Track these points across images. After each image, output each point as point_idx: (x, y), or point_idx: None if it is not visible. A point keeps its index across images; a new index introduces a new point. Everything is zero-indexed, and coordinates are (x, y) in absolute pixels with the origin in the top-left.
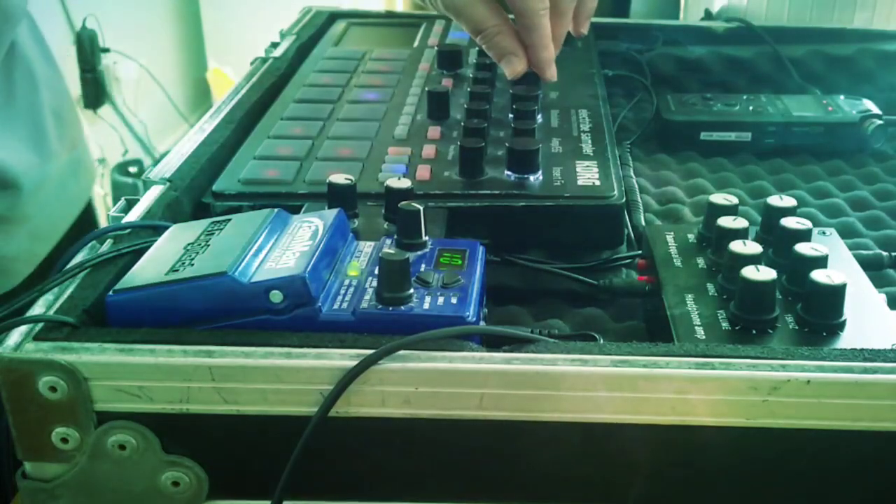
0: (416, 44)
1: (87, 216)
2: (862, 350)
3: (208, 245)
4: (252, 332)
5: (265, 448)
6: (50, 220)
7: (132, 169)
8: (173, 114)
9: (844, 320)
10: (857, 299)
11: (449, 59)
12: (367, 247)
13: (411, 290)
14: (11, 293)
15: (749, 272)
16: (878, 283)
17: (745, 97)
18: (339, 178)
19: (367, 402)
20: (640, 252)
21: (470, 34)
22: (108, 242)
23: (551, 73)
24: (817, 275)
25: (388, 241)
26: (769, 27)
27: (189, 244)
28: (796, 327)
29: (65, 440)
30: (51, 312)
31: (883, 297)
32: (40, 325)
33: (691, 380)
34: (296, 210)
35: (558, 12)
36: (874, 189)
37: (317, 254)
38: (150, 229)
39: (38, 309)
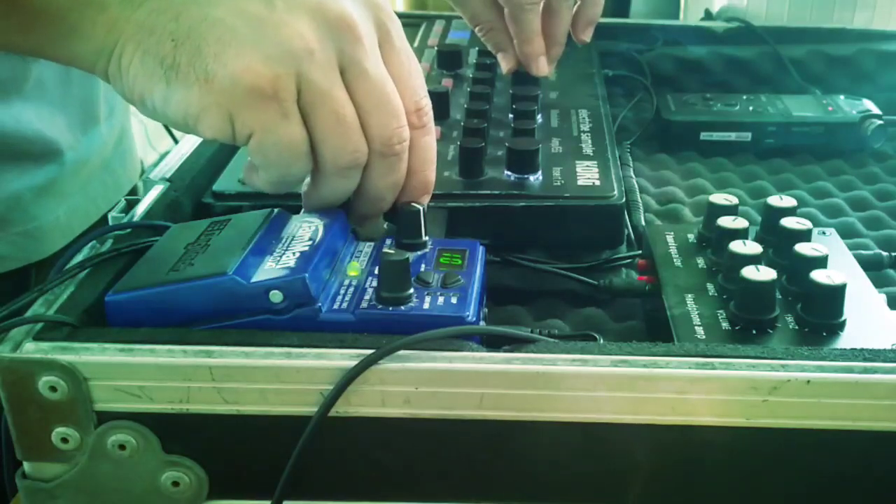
0: (416, 44)
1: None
2: (862, 350)
3: (208, 245)
4: (252, 332)
5: (265, 448)
6: (91, 198)
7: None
8: None
9: (844, 320)
10: (857, 299)
11: (449, 59)
12: (367, 247)
13: (411, 290)
14: (44, 262)
15: (749, 272)
16: (878, 283)
17: (745, 97)
18: None
19: (367, 402)
20: (640, 252)
21: (469, 25)
22: (108, 242)
23: (537, 67)
24: (817, 275)
25: (388, 241)
26: (769, 27)
27: (189, 244)
28: (796, 327)
29: (65, 440)
30: (51, 312)
31: (883, 297)
32: (40, 325)
33: (691, 380)
34: (296, 210)
35: (550, 10)
36: (874, 189)
37: (317, 254)
38: (150, 229)
39: (38, 309)
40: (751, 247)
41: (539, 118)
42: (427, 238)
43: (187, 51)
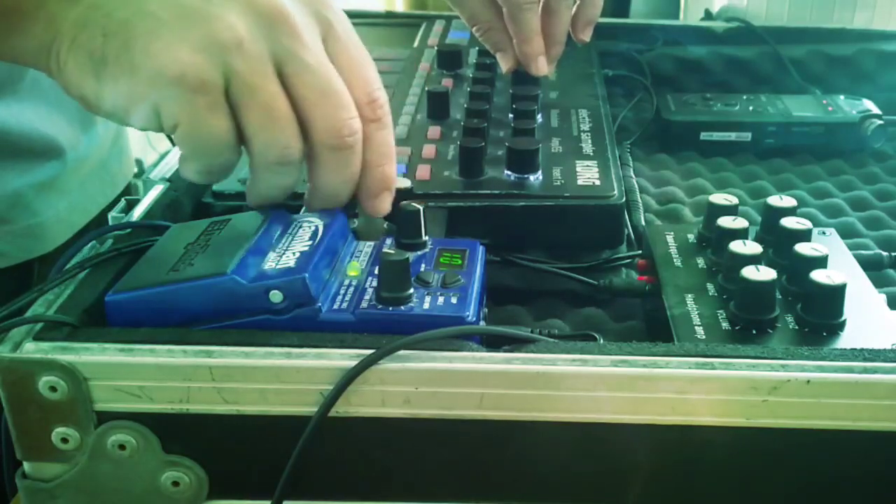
0: (416, 44)
1: (125, 196)
2: (862, 350)
3: (208, 245)
4: (252, 332)
5: (265, 448)
6: (90, 195)
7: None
8: None
9: (844, 320)
10: (857, 299)
11: (449, 59)
12: (367, 247)
13: (411, 290)
14: (45, 257)
15: (749, 272)
16: (878, 283)
17: (745, 97)
18: None
19: (367, 402)
20: (640, 252)
21: (467, 25)
22: (108, 242)
23: (536, 67)
24: (817, 275)
25: (388, 241)
26: (769, 27)
27: (189, 244)
28: (796, 327)
29: (65, 440)
30: (51, 312)
31: (883, 297)
32: (40, 325)
33: (691, 380)
34: (296, 210)
35: (549, 10)
36: (874, 189)
37: (317, 254)
38: (150, 229)
39: (38, 309)
40: (751, 247)
41: (539, 118)
42: (427, 238)
43: (116, 45)
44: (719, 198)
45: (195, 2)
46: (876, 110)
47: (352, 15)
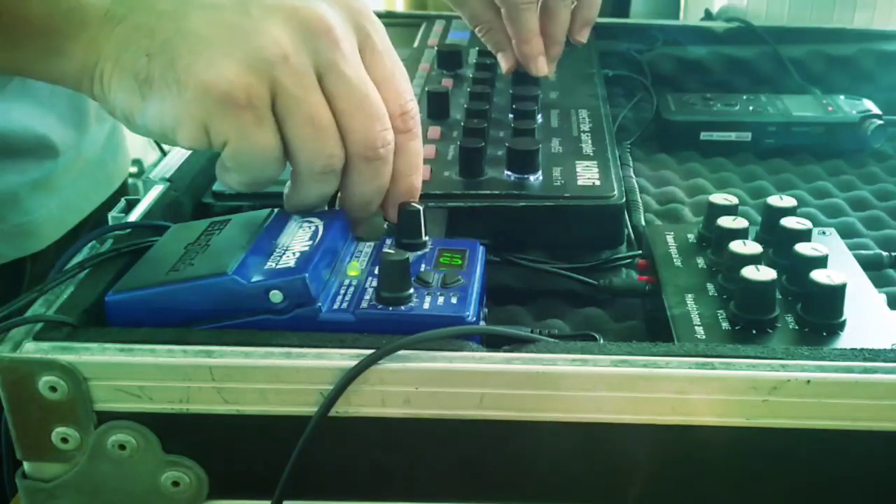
0: (416, 44)
1: (121, 194)
2: (862, 350)
3: (208, 245)
4: (252, 332)
5: (265, 448)
6: (83, 192)
7: (132, 169)
8: None
9: (844, 320)
10: (857, 299)
11: (449, 59)
12: (367, 247)
13: (411, 290)
14: (38, 255)
15: (749, 272)
16: (878, 283)
17: (745, 97)
18: None
19: (367, 402)
20: (640, 252)
21: (468, 25)
22: (108, 242)
23: (536, 67)
24: (817, 275)
25: (388, 241)
26: (769, 27)
27: (189, 244)
28: (796, 327)
29: (65, 440)
30: (51, 312)
31: (883, 297)
32: (40, 325)
33: (691, 380)
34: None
35: (548, 11)
36: (874, 189)
37: (317, 254)
38: (150, 229)
39: (38, 309)
40: (751, 247)
41: (539, 118)
42: (427, 238)
43: (160, 64)
44: (719, 198)
45: (237, 17)
46: (876, 110)
47: None
